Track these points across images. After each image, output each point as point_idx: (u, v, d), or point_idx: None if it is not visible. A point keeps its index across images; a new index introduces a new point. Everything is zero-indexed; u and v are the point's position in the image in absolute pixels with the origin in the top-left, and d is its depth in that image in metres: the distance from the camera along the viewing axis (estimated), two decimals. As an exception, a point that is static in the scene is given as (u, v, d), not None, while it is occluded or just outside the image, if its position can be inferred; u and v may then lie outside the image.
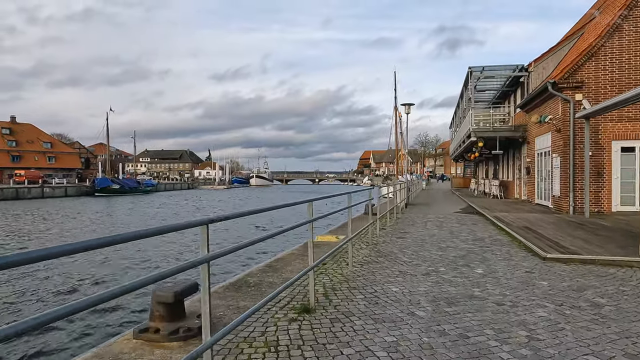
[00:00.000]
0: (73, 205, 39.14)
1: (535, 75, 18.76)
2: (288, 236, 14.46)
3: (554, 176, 14.66)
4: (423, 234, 9.60)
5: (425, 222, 12.18)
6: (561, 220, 11.83)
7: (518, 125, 19.32)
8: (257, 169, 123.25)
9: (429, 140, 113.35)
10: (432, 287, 4.95)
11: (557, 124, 14.15)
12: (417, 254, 7.11)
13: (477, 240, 8.66)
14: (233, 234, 18.56)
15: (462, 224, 11.52)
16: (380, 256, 6.88)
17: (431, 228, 10.67)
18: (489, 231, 10.11)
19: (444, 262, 6.44)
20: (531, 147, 18.08)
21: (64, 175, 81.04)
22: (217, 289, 4.75)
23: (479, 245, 7.95)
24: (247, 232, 19.59)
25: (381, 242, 8.28)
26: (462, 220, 12.69)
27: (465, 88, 23.44)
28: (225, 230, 19.18)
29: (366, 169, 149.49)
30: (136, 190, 68.29)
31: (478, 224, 11.75)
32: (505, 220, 11.72)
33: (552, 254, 6.72)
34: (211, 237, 2.46)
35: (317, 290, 4.67)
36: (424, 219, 12.87)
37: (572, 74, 13.57)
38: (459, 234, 9.50)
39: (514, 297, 4.61)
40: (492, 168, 31.19)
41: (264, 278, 5.37)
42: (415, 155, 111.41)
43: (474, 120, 19.50)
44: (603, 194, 13.45)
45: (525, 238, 8.34)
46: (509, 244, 8.20)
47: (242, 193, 72.36)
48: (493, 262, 6.45)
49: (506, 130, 19.27)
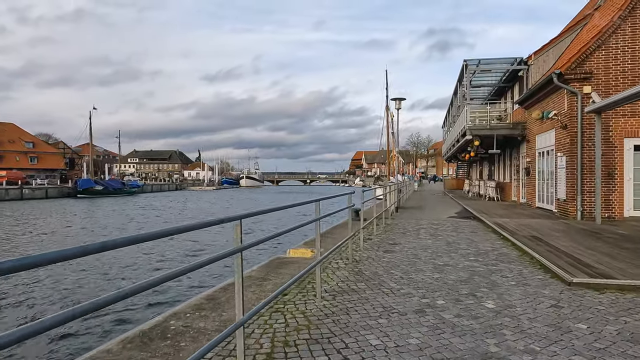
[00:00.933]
0: (50, 207, 37.19)
1: (535, 68, 17.44)
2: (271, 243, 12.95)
3: (559, 177, 13.30)
4: (415, 245, 8.13)
5: (417, 229, 10.73)
6: (570, 227, 10.45)
7: (517, 123, 17.99)
8: (248, 170, 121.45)
9: (420, 141, 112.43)
10: (429, 338, 3.47)
11: (562, 120, 12.80)
12: (408, 276, 5.63)
13: (480, 254, 7.21)
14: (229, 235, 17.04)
15: (460, 232, 10.09)
16: (361, 280, 5.40)
17: (424, 237, 9.22)
18: (491, 241, 8.68)
19: (442, 289, 4.97)
20: (531, 145, 16.75)
21: (47, 176, 78.65)
22: (113, 345, 3.20)
23: (483, 262, 6.50)
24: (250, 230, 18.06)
25: (364, 259, 6.80)
26: (458, 227, 11.27)
27: (460, 83, 22.10)
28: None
29: (358, 169, 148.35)
30: (121, 191, 66.33)
31: (477, 231, 10.33)
32: (508, 227, 10.31)
33: (578, 277, 5.28)
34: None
35: (260, 347, 3.17)
36: (417, 226, 11.43)
37: (579, 64, 12.23)
38: (457, 246, 8.05)
39: (548, 356, 3.14)
40: (487, 169, 29.91)
41: (194, 322, 3.84)
42: (407, 156, 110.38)
43: (469, 117, 18.15)
44: (614, 198, 12.11)
45: (537, 252, 6.91)
46: (519, 260, 6.76)
47: (231, 194, 70.60)
48: (505, 289, 5.00)
49: (504, 128, 17.94)
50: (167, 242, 16.14)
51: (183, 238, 16.57)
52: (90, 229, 22.52)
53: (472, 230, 10.62)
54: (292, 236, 14.30)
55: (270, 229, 20.18)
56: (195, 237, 17.66)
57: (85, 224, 24.65)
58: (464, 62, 18.30)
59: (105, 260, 12.75)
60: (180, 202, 49.64)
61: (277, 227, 23.32)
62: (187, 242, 16.66)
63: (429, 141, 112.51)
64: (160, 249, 15.23)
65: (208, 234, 18.74)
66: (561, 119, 12.87)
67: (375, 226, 10.48)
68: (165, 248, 15.38)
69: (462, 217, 14.22)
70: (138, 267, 12.58)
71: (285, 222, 22.35)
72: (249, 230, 20.54)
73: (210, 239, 17.67)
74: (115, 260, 12.97)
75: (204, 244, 16.73)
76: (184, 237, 16.46)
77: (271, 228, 20.70)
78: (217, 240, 17.48)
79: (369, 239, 8.95)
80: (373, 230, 9.86)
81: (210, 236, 18.55)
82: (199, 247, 16.11)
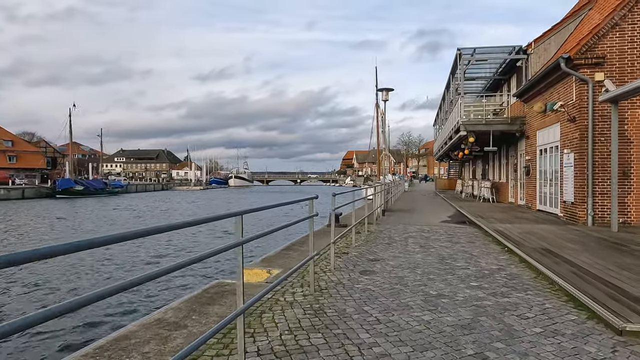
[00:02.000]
0: (23, 209, 34.99)
1: (535, 58, 15.94)
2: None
3: (565, 177, 11.77)
4: (401, 263, 6.48)
5: (405, 238, 9.09)
6: (584, 236, 8.89)
7: (515, 118, 16.48)
8: (237, 169, 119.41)
9: (412, 140, 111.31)
10: None
11: (570, 112, 11.27)
12: (388, 317, 3.97)
13: (484, 276, 5.58)
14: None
15: (455, 243, 8.47)
16: (319, 327, 3.72)
17: (413, 251, 7.58)
18: (494, 255, 7.07)
19: (436, 346, 3.32)
20: (531, 142, 15.24)
21: (27, 175, 76.03)
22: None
23: (489, 291, 4.87)
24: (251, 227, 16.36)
25: (332, 285, 5.13)
26: (453, 235, 9.65)
27: (453, 76, 20.55)
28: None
29: (349, 169, 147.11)
30: (103, 191, 64.09)
31: (475, 241, 8.72)
32: (511, 236, 8.72)
33: (633, 321, 3.66)
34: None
35: None
36: (405, 233, 9.79)
37: (590, 48, 10.69)
38: (453, 263, 6.42)
39: None
40: (480, 168, 28.47)
41: None
42: (398, 156, 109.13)
43: (463, 111, 16.59)
44: (630, 200, 10.60)
45: (558, 275, 5.30)
46: (535, 286, 5.15)
47: (217, 195, 68.59)
48: (530, 343, 3.36)
49: (501, 123, 16.41)
50: (137, 244, 14.41)
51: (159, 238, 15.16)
52: (55, 232, 20.57)
53: (469, 239, 9.00)
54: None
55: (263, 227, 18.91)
56: (169, 237, 16.11)
57: (52, 226, 22.67)
58: (457, 51, 16.74)
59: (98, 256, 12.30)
60: (161, 203, 47.62)
61: (270, 224, 21.83)
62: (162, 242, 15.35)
63: (420, 140, 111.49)
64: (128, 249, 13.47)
65: (180, 235, 17.10)
66: (568, 111, 11.33)
67: (355, 235, 8.84)
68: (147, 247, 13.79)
69: (457, 222, 12.63)
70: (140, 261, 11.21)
71: (277, 221, 20.80)
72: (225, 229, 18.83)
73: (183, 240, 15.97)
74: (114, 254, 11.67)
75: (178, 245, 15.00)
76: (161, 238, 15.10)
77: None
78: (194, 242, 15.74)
79: (344, 253, 7.29)
80: (352, 240, 8.20)
81: (181, 237, 16.82)
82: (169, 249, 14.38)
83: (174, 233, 17.87)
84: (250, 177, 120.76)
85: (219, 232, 19.48)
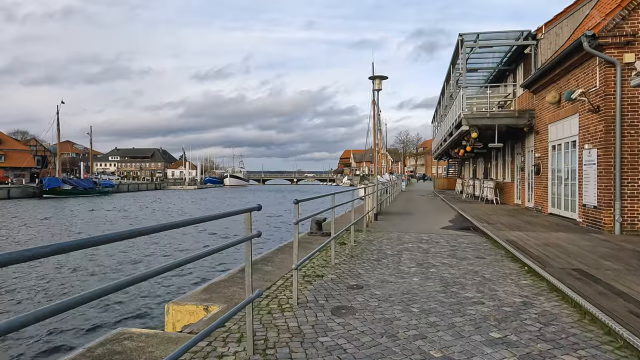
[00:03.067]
0: (4, 210, 33.15)
1: (546, 44, 14.31)
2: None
3: (586, 177, 10.14)
4: (391, 294, 4.82)
5: (399, 251, 7.45)
6: (619, 249, 7.26)
7: (523, 111, 14.83)
8: (232, 168, 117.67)
9: (409, 139, 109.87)
10: None
11: (592, 101, 9.64)
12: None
13: (507, 320, 3.93)
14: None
15: (461, 258, 6.82)
16: None
17: (408, 272, 5.92)
18: (514, 280, 5.42)
19: None
20: (542, 137, 13.62)
21: (16, 175, 74.12)
22: None
23: (521, 352, 3.22)
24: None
25: (283, 341, 3.46)
26: (457, 246, 8.01)
27: (453, 67, 18.90)
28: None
29: (346, 168, 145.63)
30: (92, 191, 62.21)
31: (485, 255, 7.08)
32: (528, 249, 7.09)
33: None
34: None
35: None
36: (398, 244, 8.14)
37: (618, 25, 9.06)
38: (461, 294, 4.77)
39: None
40: (482, 166, 26.85)
41: None
42: (395, 155, 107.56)
43: (465, 104, 14.94)
44: (665, 204, 8.98)
45: (615, 317, 3.66)
46: (585, 335, 3.50)
47: (210, 194, 66.84)
48: None
49: (508, 117, 14.76)
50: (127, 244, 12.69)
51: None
52: (20, 236, 18.83)
53: (477, 252, 7.36)
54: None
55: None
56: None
57: (23, 229, 20.92)
58: (459, 37, 15.08)
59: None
60: (152, 202, 45.85)
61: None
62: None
63: (417, 139, 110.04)
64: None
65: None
66: (590, 99, 9.70)
67: (338, 247, 7.20)
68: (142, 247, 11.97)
69: (460, 228, 11.00)
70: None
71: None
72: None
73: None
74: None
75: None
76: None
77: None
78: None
79: (318, 275, 5.62)
80: (331, 257, 6.53)
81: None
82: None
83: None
84: (245, 176, 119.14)
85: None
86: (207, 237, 18.13)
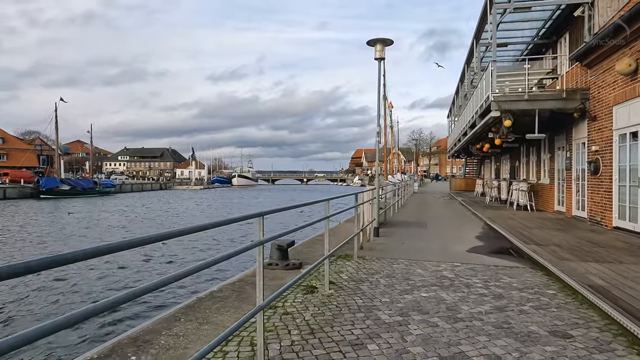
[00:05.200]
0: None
1: (604, 3, 10.81)
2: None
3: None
4: None
5: (405, 310, 4.16)
6: None
7: (573, 90, 11.32)
8: (240, 168, 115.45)
9: (423, 138, 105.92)
10: None
11: None
12: None
13: None
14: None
15: (526, 338, 3.49)
16: None
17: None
18: None
19: None
20: (600, 125, 10.16)
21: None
22: None
23: None
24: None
25: None
26: (505, 296, 4.67)
27: (477, 42, 15.41)
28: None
29: (358, 168, 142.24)
30: (92, 191, 60.05)
31: (571, 329, 3.74)
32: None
33: None
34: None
35: None
36: (405, 291, 4.84)
37: None
38: None
39: None
40: (505, 165, 23.27)
41: None
42: (408, 154, 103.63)
43: (496, 83, 11.51)
44: None
45: None
46: None
47: (216, 195, 64.10)
48: None
49: (552, 99, 11.27)
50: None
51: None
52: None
53: (549, 317, 4.02)
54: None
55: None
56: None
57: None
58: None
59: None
60: (150, 203, 43.12)
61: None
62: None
63: (431, 138, 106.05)
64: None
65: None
66: None
67: (303, 297, 4.00)
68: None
69: (495, 251, 7.62)
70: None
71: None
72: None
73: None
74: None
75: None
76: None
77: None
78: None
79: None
80: (292, 315, 3.28)
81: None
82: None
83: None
84: (254, 176, 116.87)
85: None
86: (202, 245, 15.10)
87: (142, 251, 13.91)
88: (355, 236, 6.71)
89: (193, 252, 14.41)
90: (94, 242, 17.47)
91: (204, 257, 14.00)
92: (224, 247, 15.29)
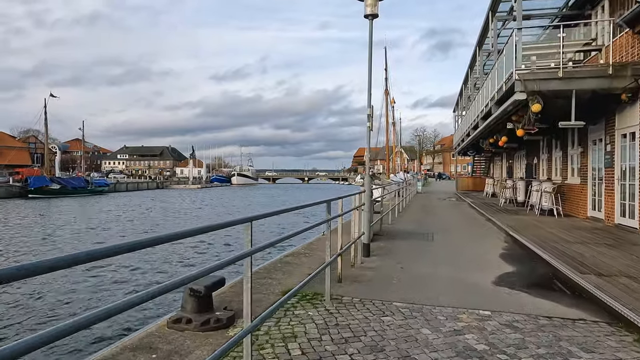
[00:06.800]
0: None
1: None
2: None
3: None
4: None
5: None
6: None
7: (622, 65, 8.84)
8: (240, 167, 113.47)
9: (426, 136, 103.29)
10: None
11: None
12: None
13: None
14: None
15: None
16: None
17: None
18: None
19: None
20: (663, 108, 7.71)
21: (9, 173, 70.56)
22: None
23: None
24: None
25: None
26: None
27: (493, 15, 12.94)
28: None
29: (360, 167, 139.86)
30: (84, 190, 58.05)
31: None
32: None
33: None
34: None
35: None
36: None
37: None
38: None
39: None
40: (520, 162, 20.75)
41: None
42: (411, 152, 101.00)
43: (521, 57, 9.08)
44: None
45: None
46: None
47: (215, 194, 61.82)
48: None
49: (594, 76, 8.83)
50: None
51: None
52: None
53: None
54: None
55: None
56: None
57: None
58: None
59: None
60: (139, 204, 40.86)
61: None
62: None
63: (435, 136, 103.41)
64: None
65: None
66: None
67: None
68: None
69: (535, 283, 5.20)
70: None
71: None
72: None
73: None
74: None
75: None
76: None
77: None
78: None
79: None
80: None
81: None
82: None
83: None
84: (254, 174, 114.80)
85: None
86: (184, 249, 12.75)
87: (101, 263, 11.56)
88: (326, 267, 4.31)
89: (161, 264, 12.06)
90: (51, 251, 15.17)
91: (168, 271, 11.70)
92: (200, 257, 12.94)
